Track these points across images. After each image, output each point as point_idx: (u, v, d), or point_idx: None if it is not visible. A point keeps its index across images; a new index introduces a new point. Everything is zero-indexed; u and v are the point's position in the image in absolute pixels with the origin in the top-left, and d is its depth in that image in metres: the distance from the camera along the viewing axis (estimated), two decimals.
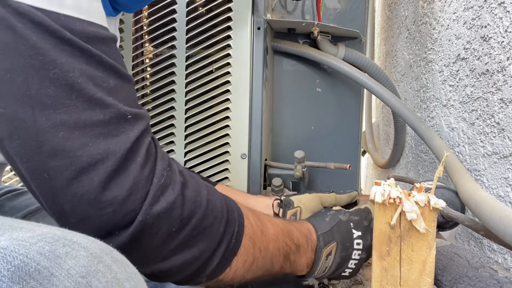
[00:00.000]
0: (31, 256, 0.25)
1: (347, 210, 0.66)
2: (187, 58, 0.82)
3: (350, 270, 0.64)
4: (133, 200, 0.40)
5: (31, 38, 0.36)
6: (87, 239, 0.30)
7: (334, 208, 0.69)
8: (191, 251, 0.45)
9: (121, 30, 0.82)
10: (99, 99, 0.39)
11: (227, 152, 0.83)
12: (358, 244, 0.63)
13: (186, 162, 0.84)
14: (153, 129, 0.84)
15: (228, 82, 0.82)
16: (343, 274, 0.64)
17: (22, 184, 0.80)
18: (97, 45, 0.40)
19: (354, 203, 0.79)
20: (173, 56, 0.82)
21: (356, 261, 0.63)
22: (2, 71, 0.36)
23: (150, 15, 0.82)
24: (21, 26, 0.36)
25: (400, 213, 0.45)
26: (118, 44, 0.59)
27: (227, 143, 0.83)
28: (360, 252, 0.63)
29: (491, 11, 0.64)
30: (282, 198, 0.73)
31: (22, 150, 0.37)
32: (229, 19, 0.81)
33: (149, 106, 0.84)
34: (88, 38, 0.39)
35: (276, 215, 0.71)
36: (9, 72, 0.36)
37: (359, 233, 0.63)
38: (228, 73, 0.82)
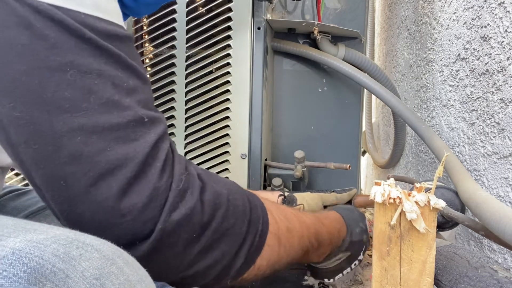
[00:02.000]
0: (46, 258, 0.25)
1: (369, 231, 0.66)
2: (187, 58, 0.82)
3: (332, 280, 0.64)
4: (153, 207, 0.38)
5: (49, 37, 0.34)
6: (99, 241, 0.30)
7: (366, 217, 0.68)
8: (214, 254, 0.43)
9: None
10: (116, 101, 0.37)
11: (227, 152, 0.83)
12: (355, 264, 0.63)
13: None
14: None
15: (228, 82, 0.82)
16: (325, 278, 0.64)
17: (23, 184, 0.80)
18: (116, 44, 0.39)
19: (349, 201, 0.79)
20: (173, 56, 0.82)
21: (341, 276, 0.63)
22: (17, 74, 0.34)
23: (150, 15, 0.82)
24: (40, 26, 0.34)
25: (400, 213, 0.45)
26: None
27: (227, 143, 0.83)
28: (348, 272, 0.63)
29: (491, 11, 0.64)
30: (286, 194, 0.73)
31: (38, 156, 0.35)
32: (229, 19, 0.81)
33: None
34: (108, 37, 0.38)
35: None
36: (25, 74, 0.34)
37: (361, 258, 0.63)
38: (228, 73, 0.82)
